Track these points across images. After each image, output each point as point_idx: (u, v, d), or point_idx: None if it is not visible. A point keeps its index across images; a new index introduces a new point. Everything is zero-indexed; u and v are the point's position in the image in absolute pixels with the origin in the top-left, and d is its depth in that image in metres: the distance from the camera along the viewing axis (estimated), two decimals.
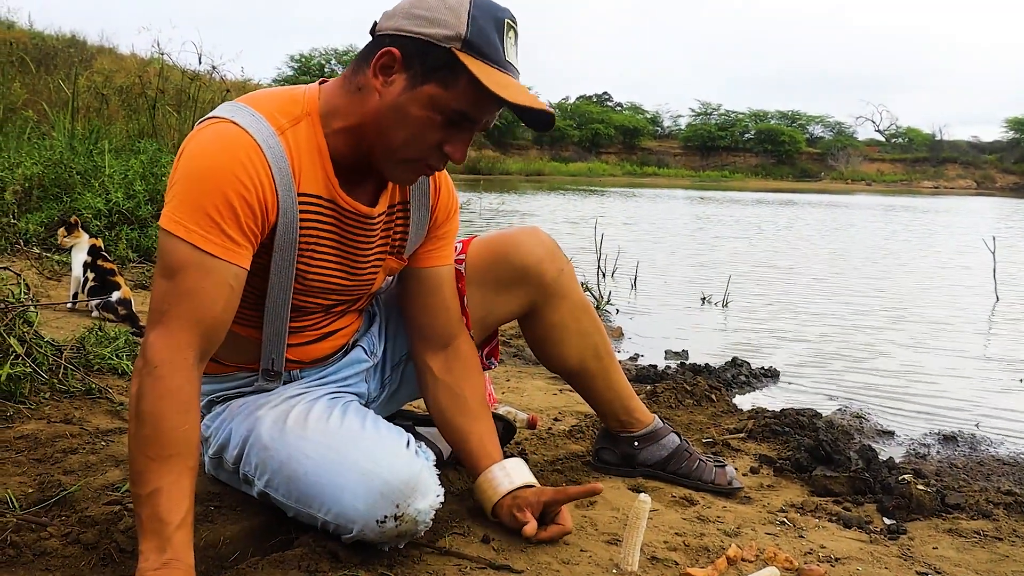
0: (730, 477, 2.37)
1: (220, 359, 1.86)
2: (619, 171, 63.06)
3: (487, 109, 1.60)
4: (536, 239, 2.13)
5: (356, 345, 2.02)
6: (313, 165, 1.64)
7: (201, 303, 1.51)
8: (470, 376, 1.99)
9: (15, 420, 2.25)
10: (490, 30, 1.55)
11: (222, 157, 1.52)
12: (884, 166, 72.05)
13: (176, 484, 1.44)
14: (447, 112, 1.57)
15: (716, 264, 9.85)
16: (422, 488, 1.65)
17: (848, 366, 4.94)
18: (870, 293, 8.03)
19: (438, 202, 1.90)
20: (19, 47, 13.27)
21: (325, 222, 1.69)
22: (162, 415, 1.45)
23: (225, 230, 1.51)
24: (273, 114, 1.61)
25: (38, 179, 5.90)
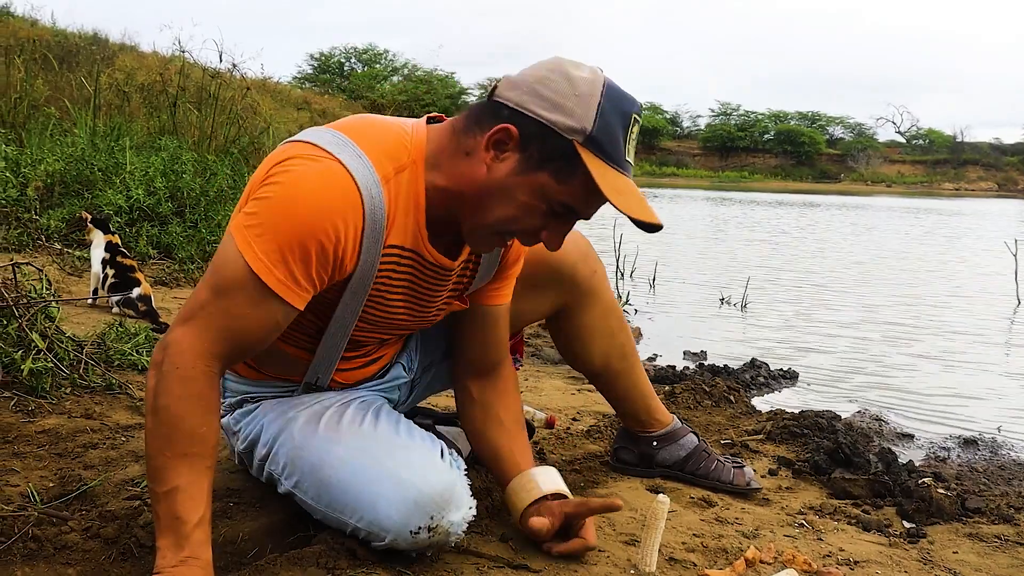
0: (748, 478, 2.36)
1: (261, 369, 1.86)
2: (638, 171, 61.56)
3: (592, 205, 1.55)
4: (571, 239, 1.98)
5: (396, 363, 2.02)
6: (407, 216, 1.59)
7: (241, 327, 1.49)
8: (507, 397, 1.99)
9: (37, 415, 2.26)
10: (616, 126, 1.49)
11: (320, 202, 1.47)
12: (904, 168, 71.73)
13: (195, 483, 1.44)
14: (554, 203, 1.52)
15: (735, 266, 9.82)
16: (456, 500, 1.64)
17: (867, 368, 4.92)
18: (890, 296, 7.99)
19: (510, 250, 1.84)
20: (42, 44, 13.36)
21: (404, 270, 1.66)
22: (183, 415, 1.44)
23: (293, 271, 1.47)
24: (381, 159, 1.55)
25: (60, 175, 5.93)
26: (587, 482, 2.32)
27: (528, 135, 1.48)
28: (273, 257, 1.45)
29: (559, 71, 1.50)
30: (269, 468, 1.78)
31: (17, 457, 1.98)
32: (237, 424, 1.90)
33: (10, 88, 9.07)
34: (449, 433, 2.15)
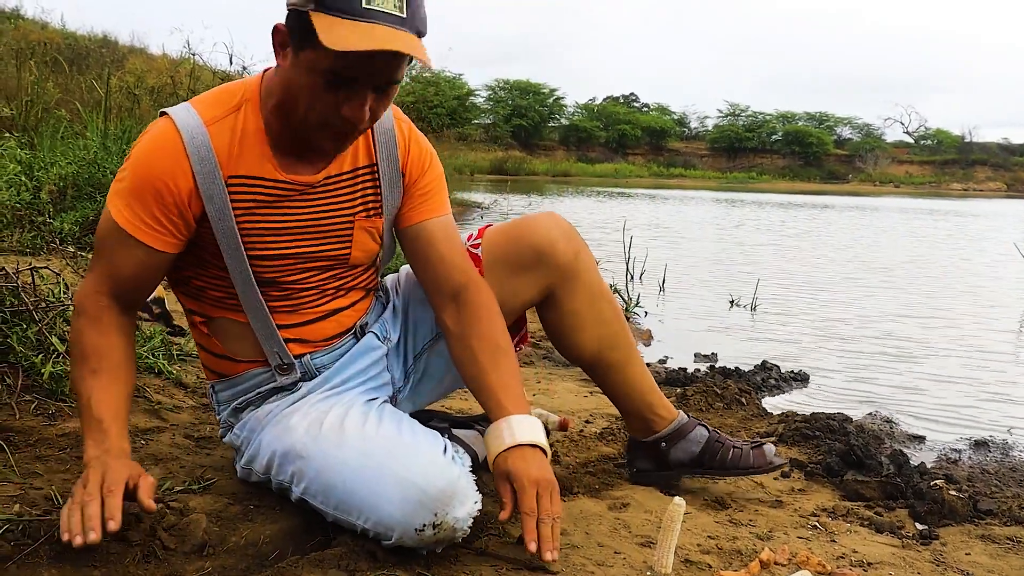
0: (770, 456, 2.30)
1: (231, 356, 1.92)
2: (646, 172, 62.90)
3: (357, 63, 1.57)
4: (552, 221, 2.12)
5: (367, 332, 2.02)
6: (249, 147, 1.75)
7: (116, 267, 1.76)
8: (478, 324, 1.92)
9: (57, 418, 2.28)
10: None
11: (145, 150, 1.72)
12: (913, 168, 71.52)
13: (106, 391, 1.70)
14: (323, 74, 1.59)
15: (744, 267, 9.82)
16: (460, 496, 1.66)
17: (878, 370, 4.92)
18: (900, 297, 7.98)
19: (408, 158, 1.93)
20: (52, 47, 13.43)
21: (265, 198, 1.78)
22: (85, 340, 1.74)
23: (140, 214, 1.71)
24: (208, 107, 1.75)
25: (72, 179, 5.96)
26: (602, 484, 2.34)
27: (290, 26, 1.62)
28: (122, 203, 1.71)
29: None
30: (277, 479, 1.82)
31: (40, 460, 2.00)
32: (237, 438, 1.96)
33: (21, 91, 9.12)
34: (465, 437, 2.17)
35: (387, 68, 1.61)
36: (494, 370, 1.89)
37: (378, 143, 1.90)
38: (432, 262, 1.95)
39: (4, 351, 2.39)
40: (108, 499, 1.52)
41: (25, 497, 1.76)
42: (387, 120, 1.90)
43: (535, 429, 1.82)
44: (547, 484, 1.74)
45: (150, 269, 1.77)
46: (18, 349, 2.38)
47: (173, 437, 2.30)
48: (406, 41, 1.56)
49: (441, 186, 2.01)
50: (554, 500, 1.73)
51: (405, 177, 1.94)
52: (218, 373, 1.97)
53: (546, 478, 1.75)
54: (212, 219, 1.75)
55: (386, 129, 1.90)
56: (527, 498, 1.71)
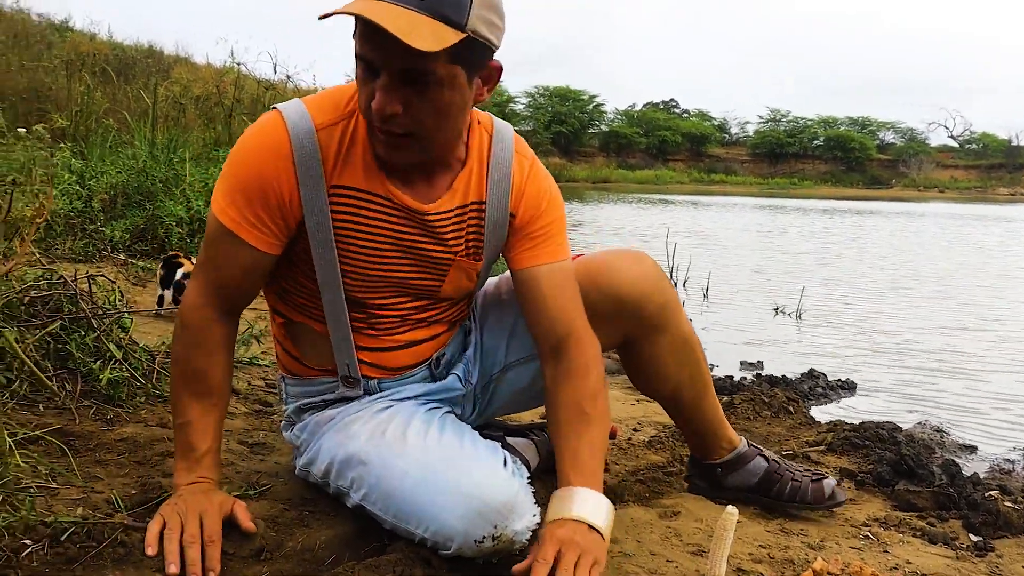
0: (829, 490, 2.25)
1: (303, 360, 1.93)
2: (686, 178, 62.68)
3: (366, 43, 1.52)
4: (638, 267, 1.98)
5: (451, 373, 1.99)
6: (354, 158, 1.70)
7: (223, 272, 1.74)
8: (569, 385, 1.81)
9: (115, 423, 2.32)
10: None
11: (251, 147, 1.69)
12: (958, 172, 70.67)
13: (203, 418, 1.74)
14: (357, 62, 1.57)
15: (788, 275, 9.75)
16: (519, 509, 1.65)
17: (926, 379, 4.87)
18: (949, 305, 7.89)
19: (521, 199, 1.85)
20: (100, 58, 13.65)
21: (370, 213, 1.73)
22: (189, 359, 1.75)
23: (244, 212, 1.68)
24: (322, 109, 1.70)
25: (122, 187, 6.06)
26: (652, 493, 2.34)
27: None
28: (226, 202, 1.69)
29: None
30: (336, 483, 1.83)
31: (100, 465, 2.04)
32: (297, 439, 1.97)
33: (71, 102, 9.28)
34: (518, 445, 2.17)
35: (396, 49, 1.45)
36: (572, 437, 1.77)
37: (492, 180, 1.82)
38: (535, 311, 1.85)
39: (63, 357, 2.44)
40: (209, 549, 1.59)
41: (88, 500, 1.79)
42: (506, 155, 1.83)
43: (594, 507, 1.68)
44: (574, 545, 1.60)
45: (253, 272, 1.75)
46: (77, 355, 2.43)
47: (227, 443, 2.33)
48: (395, 15, 1.45)
49: (557, 230, 1.89)
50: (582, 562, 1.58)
51: (515, 218, 1.86)
52: (290, 371, 1.98)
53: (574, 540, 1.61)
54: (310, 228, 1.71)
55: (503, 163, 1.83)
56: (544, 550, 1.59)
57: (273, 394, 2.94)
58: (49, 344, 2.42)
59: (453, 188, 1.78)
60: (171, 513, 1.63)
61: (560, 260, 1.87)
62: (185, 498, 1.67)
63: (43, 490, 1.80)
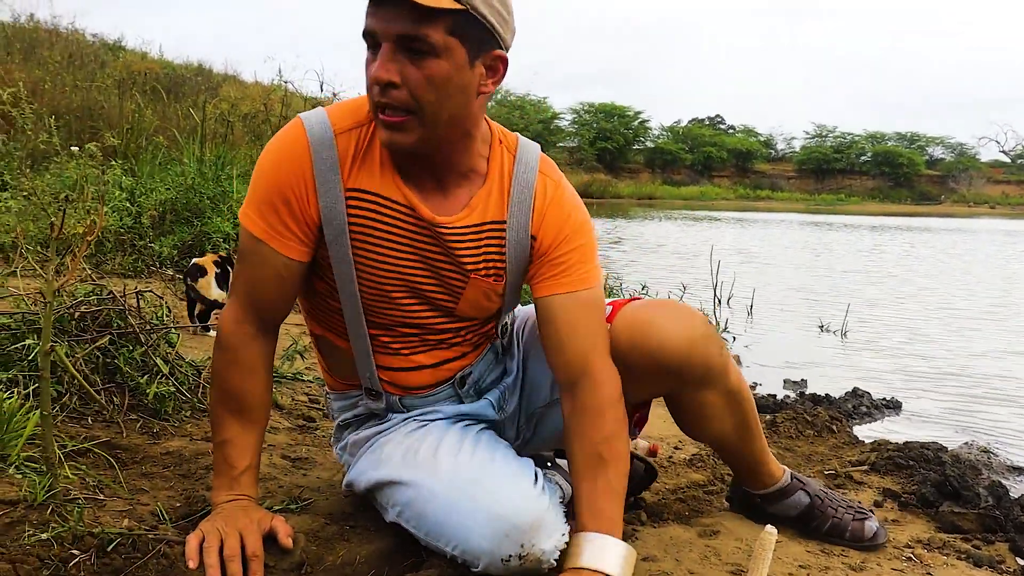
0: (870, 532, 2.18)
1: (332, 374, 1.98)
2: (732, 195, 62.34)
3: (370, 14, 1.56)
4: (681, 325, 1.86)
5: (484, 397, 1.98)
6: (370, 162, 1.71)
7: (256, 285, 1.76)
8: (585, 426, 1.76)
9: (161, 437, 2.37)
10: None
11: (271, 153, 1.72)
12: (1009, 188, 69.63)
13: (242, 437, 1.77)
14: (366, 44, 1.60)
15: (834, 292, 9.66)
16: (547, 528, 1.66)
17: (973, 398, 4.80)
18: (996, 324, 7.77)
19: (543, 222, 1.79)
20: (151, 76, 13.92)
21: (385, 219, 1.72)
22: (227, 378, 1.77)
23: (270, 220, 1.70)
24: (341, 115, 1.72)
25: (171, 204, 6.16)
26: (692, 511, 2.33)
27: None
28: (253, 211, 1.71)
29: None
30: (378, 498, 1.85)
31: (146, 477, 2.08)
32: (340, 458, 2.03)
33: (123, 120, 9.47)
34: (566, 466, 2.16)
35: (395, 15, 1.52)
36: (587, 481, 1.73)
37: (513, 200, 1.78)
38: (550, 344, 1.80)
39: (112, 371, 2.49)
40: (253, 564, 1.63)
41: (133, 513, 1.83)
42: (530, 175, 1.79)
43: (605, 555, 1.65)
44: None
45: (285, 281, 1.75)
46: (125, 369, 2.48)
47: (271, 457, 2.36)
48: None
49: (581, 259, 1.80)
50: None
51: (537, 241, 1.80)
52: (328, 384, 2.04)
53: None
54: (326, 228, 1.71)
55: (525, 184, 1.79)
56: None
57: (316, 409, 2.97)
58: (98, 358, 2.47)
59: (471, 205, 1.76)
60: (210, 529, 1.65)
61: (580, 290, 1.78)
62: (224, 515, 1.70)
63: (91, 501, 1.84)
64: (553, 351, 1.80)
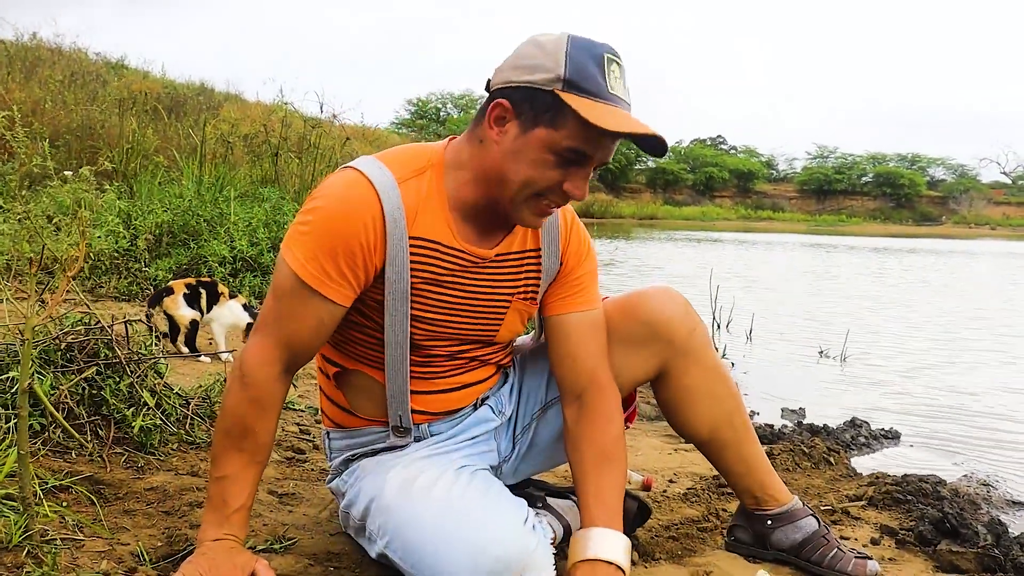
0: (871, 572, 2.15)
1: (354, 411, 1.96)
2: (733, 215, 62.47)
3: (597, 143, 1.66)
4: (667, 296, 2.08)
5: (485, 403, 2.04)
6: (432, 212, 1.77)
7: (294, 327, 1.74)
8: (592, 429, 1.92)
9: (145, 471, 2.33)
10: (589, 66, 1.63)
11: (339, 202, 1.71)
12: (1010, 209, 69.77)
13: (242, 474, 1.75)
14: (560, 151, 1.65)
15: (834, 317, 9.61)
16: (534, 567, 1.64)
17: (974, 429, 4.75)
18: (998, 352, 7.71)
19: (568, 247, 1.96)
20: (152, 96, 13.94)
21: (440, 265, 1.80)
22: (241, 415, 1.74)
23: (325, 267, 1.70)
24: (399, 167, 1.77)
25: (168, 226, 6.15)
26: (685, 550, 2.29)
27: (518, 101, 1.67)
28: (307, 255, 1.70)
29: (529, 43, 1.69)
30: (369, 527, 1.82)
31: (127, 515, 2.04)
32: (344, 484, 1.98)
33: (123, 139, 9.47)
34: (560, 507, 2.13)
35: (613, 149, 1.71)
36: (595, 478, 1.88)
37: (544, 228, 1.93)
38: (564, 357, 1.96)
39: (97, 403, 2.46)
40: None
41: (112, 553, 1.80)
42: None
43: (615, 546, 1.78)
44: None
45: (325, 324, 1.77)
46: (111, 401, 2.44)
47: (257, 493, 2.32)
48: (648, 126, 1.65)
49: (592, 280, 2.01)
50: None
51: (562, 266, 1.96)
52: (336, 423, 2.02)
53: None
54: (389, 276, 1.76)
55: (552, 215, 1.90)
56: None
57: (306, 440, 2.93)
58: (84, 390, 2.44)
59: (512, 235, 1.89)
60: (192, 571, 1.63)
61: (591, 310, 1.98)
62: (208, 556, 1.67)
63: (68, 542, 1.80)
64: (563, 364, 1.96)
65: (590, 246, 2.02)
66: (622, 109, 1.65)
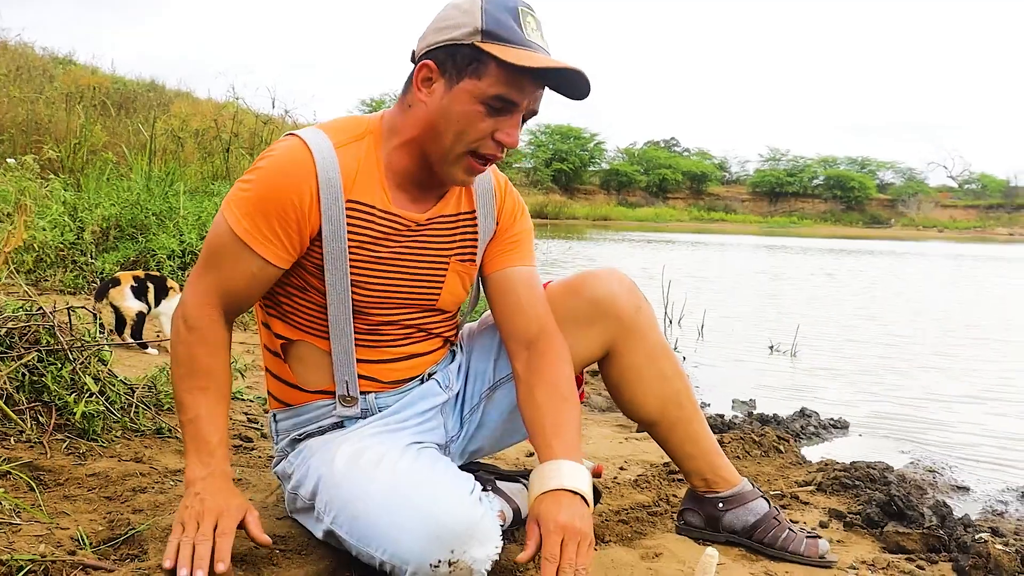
0: (822, 550, 2.19)
1: (301, 385, 1.95)
2: (686, 217, 62.93)
3: (521, 88, 1.71)
4: (613, 276, 2.12)
5: (431, 377, 2.03)
6: (368, 176, 1.82)
7: (228, 279, 1.80)
8: (547, 370, 1.93)
9: (88, 457, 2.29)
10: (505, 17, 1.69)
11: (277, 166, 1.76)
12: (957, 212, 70.99)
13: (213, 410, 1.79)
14: (487, 100, 1.70)
15: (784, 314, 9.71)
16: (480, 536, 1.62)
17: (920, 418, 4.82)
18: (943, 344, 7.84)
19: (503, 207, 2.03)
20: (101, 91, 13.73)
21: (376, 228, 1.84)
22: (194, 356, 1.80)
23: (259, 225, 1.75)
24: (337, 134, 1.82)
25: (115, 220, 6.05)
26: (635, 533, 2.29)
27: (442, 60, 1.73)
28: (243, 212, 1.75)
29: (447, 6, 1.76)
30: (318, 506, 1.81)
31: (68, 500, 2.00)
32: (290, 466, 1.97)
33: (70, 134, 9.32)
34: (510, 490, 2.12)
35: (539, 95, 1.76)
36: (552, 415, 1.88)
37: (477, 191, 1.99)
38: (511, 309, 2.00)
39: (39, 390, 2.41)
40: (220, 541, 1.65)
41: (51, 537, 1.76)
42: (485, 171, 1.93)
43: (578, 475, 1.77)
44: (575, 532, 1.67)
45: (259, 282, 1.82)
46: (52, 388, 2.40)
47: None
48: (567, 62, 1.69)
49: (529, 238, 2.07)
50: (580, 550, 1.66)
51: (498, 225, 2.02)
52: (283, 402, 2.00)
53: (575, 526, 1.67)
54: (326, 238, 1.80)
55: (484, 179, 1.99)
56: (550, 543, 1.66)
57: (254, 429, 2.90)
58: (24, 376, 2.38)
59: (445, 199, 1.93)
60: (190, 518, 1.66)
61: (530, 265, 2.04)
62: (203, 498, 1.70)
63: (5, 526, 1.76)
64: (512, 316, 1.99)
65: (523, 206, 2.09)
66: (540, 54, 1.70)
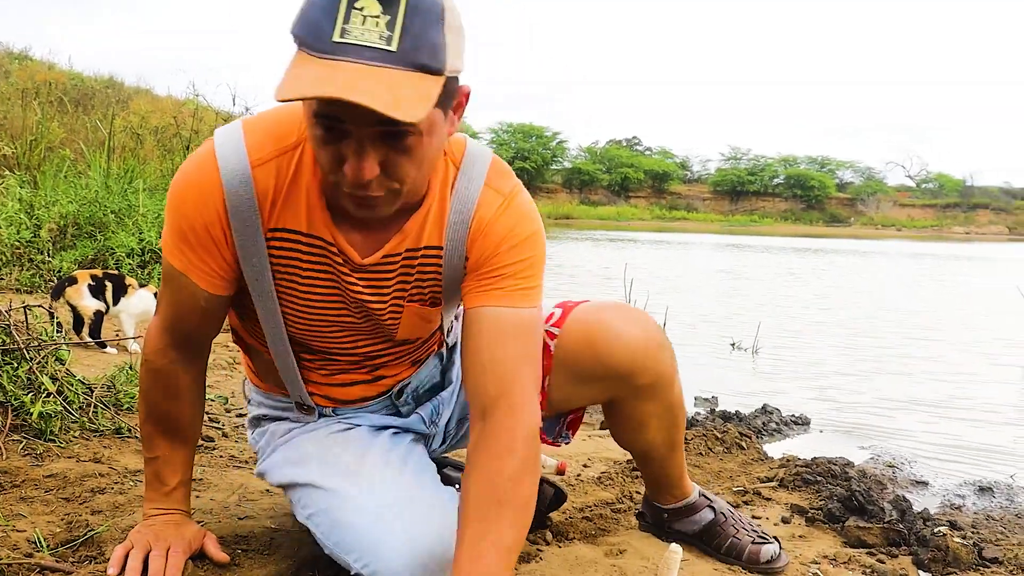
0: (767, 555, 2.13)
1: (262, 381, 1.90)
2: (648, 215, 63.20)
3: (326, 105, 1.28)
4: (637, 331, 1.85)
5: (416, 412, 1.90)
6: (296, 198, 1.51)
7: (178, 311, 1.65)
8: (487, 460, 1.49)
9: (45, 458, 2.25)
10: (314, 12, 1.25)
11: (184, 186, 1.53)
12: (915, 212, 71.92)
13: (173, 455, 1.75)
14: (316, 121, 1.32)
15: (746, 311, 9.78)
16: None
17: (880, 415, 4.87)
18: (902, 342, 7.93)
19: (479, 241, 1.59)
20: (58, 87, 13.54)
21: (311, 259, 1.56)
22: (156, 401, 1.72)
23: (185, 251, 1.56)
24: (262, 142, 1.50)
25: (73, 217, 5.97)
26: (599, 530, 2.30)
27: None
28: (172, 242, 1.57)
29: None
30: (291, 496, 1.77)
31: (24, 502, 1.97)
32: (255, 444, 1.93)
33: (26, 130, 9.17)
34: None
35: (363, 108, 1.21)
36: (476, 524, 1.45)
37: (451, 222, 1.59)
38: (471, 359, 1.57)
39: None
40: (172, 558, 1.65)
41: (7, 540, 1.72)
42: (471, 191, 1.59)
43: None
44: None
45: (209, 312, 1.64)
46: (8, 388, 2.35)
47: None
48: (372, 83, 1.21)
49: (515, 272, 1.58)
50: None
51: (469, 260, 1.61)
52: (253, 381, 1.95)
53: None
54: (247, 276, 1.58)
55: (465, 200, 1.59)
56: None
57: (215, 428, 2.87)
58: None
59: (404, 231, 1.57)
60: (140, 538, 1.66)
61: (512, 307, 1.57)
62: (155, 528, 1.70)
63: None
64: (469, 369, 1.57)
65: (525, 233, 1.61)
66: (353, 62, 1.22)
